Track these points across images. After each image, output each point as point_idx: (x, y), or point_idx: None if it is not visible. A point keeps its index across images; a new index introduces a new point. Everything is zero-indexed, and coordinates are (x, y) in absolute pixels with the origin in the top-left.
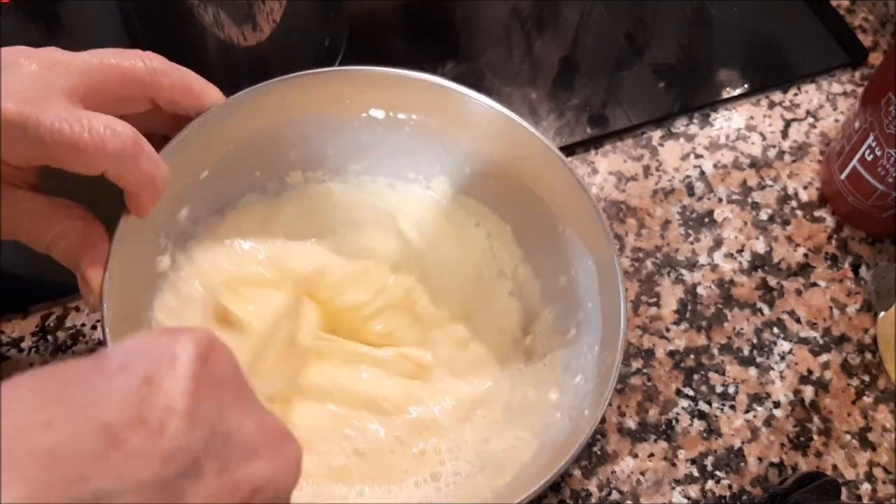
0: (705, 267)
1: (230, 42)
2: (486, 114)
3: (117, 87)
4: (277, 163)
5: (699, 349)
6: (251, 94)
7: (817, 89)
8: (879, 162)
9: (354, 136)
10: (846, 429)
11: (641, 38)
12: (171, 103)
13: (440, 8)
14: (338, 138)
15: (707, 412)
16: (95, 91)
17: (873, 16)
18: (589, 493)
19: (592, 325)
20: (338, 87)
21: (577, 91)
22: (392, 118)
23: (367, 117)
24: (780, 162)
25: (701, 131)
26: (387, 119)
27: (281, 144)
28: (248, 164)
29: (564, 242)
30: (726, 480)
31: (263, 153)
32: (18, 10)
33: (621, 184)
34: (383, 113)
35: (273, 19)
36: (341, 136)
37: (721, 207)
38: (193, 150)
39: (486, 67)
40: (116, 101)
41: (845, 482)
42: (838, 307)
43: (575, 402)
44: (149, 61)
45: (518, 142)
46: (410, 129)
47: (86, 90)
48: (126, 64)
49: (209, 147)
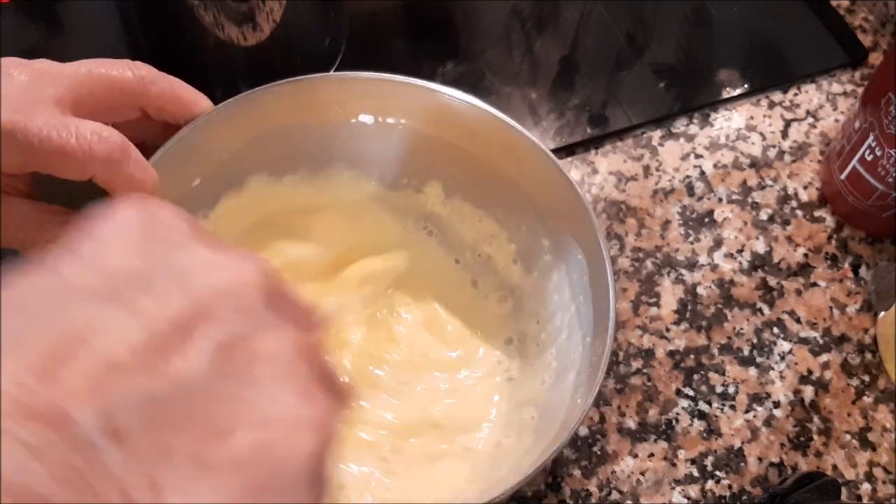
0: (705, 267)
1: (230, 42)
2: (473, 114)
3: (106, 96)
4: (269, 170)
5: (699, 349)
6: (240, 102)
7: (817, 89)
8: (879, 162)
9: (344, 143)
10: (846, 429)
11: (641, 38)
12: (160, 111)
13: (440, 8)
14: (328, 145)
15: (707, 412)
16: (84, 100)
17: (873, 16)
18: (589, 493)
19: (584, 318)
20: (326, 93)
21: (577, 91)
22: (381, 123)
23: (356, 123)
24: (780, 162)
25: (701, 131)
26: (376, 124)
27: (271, 152)
28: (240, 172)
29: (555, 237)
30: (726, 480)
31: (255, 161)
32: (18, 10)
33: (621, 184)
34: (373, 118)
35: (273, 19)
36: (331, 142)
37: (721, 207)
38: (184, 158)
39: (486, 67)
40: (106, 109)
41: (845, 482)
42: (838, 307)
43: (566, 396)
44: (137, 70)
45: (505, 140)
46: (400, 133)
47: (75, 99)
48: (114, 73)
49: (200, 155)
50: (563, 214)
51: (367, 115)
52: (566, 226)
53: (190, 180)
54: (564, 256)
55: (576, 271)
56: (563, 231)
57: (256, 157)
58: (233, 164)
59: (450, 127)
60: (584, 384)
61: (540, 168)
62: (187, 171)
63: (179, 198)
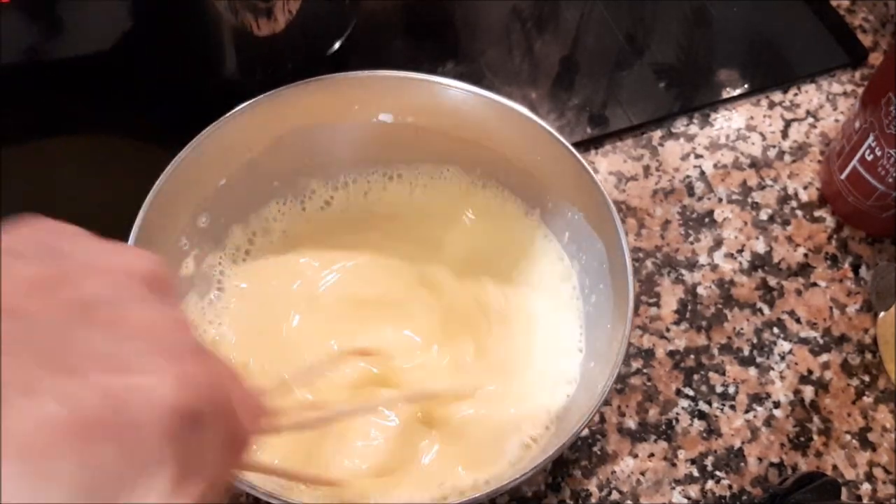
0: (705, 267)
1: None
2: (492, 108)
3: None
4: (293, 170)
5: (699, 349)
6: (263, 102)
7: (817, 89)
8: (879, 162)
9: (367, 143)
10: (846, 429)
11: (641, 38)
12: None
13: (440, 8)
14: (350, 144)
15: (707, 412)
16: None
17: (873, 16)
18: (589, 493)
19: (605, 306)
20: (347, 92)
21: (577, 91)
22: (401, 122)
23: (377, 122)
24: (780, 162)
25: (701, 131)
26: (395, 123)
27: (295, 153)
28: (265, 172)
29: (574, 227)
30: (726, 480)
31: (279, 161)
32: (18, 10)
33: (621, 184)
34: (391, 117)
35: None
36: (353, 141)
37: (721, 207)
38: (209, 159)
39: (486, 67)
40: None
41: (845, 482)
42: (838, 307)
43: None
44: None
45: (526, 134)
46: (419, 131)
47: None
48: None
49: (225, 156)
50: (581, 204)
51: (386, 114)
52: (585, 215)
53: (217, 180)
54: (584, 244)
55: (596, 260)
56: (582, 218)
57: (281, 157)
58: (257, 164)
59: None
60: (602, 372)
61: (559, 160)
62: (213, 171)
63: (203, 199)
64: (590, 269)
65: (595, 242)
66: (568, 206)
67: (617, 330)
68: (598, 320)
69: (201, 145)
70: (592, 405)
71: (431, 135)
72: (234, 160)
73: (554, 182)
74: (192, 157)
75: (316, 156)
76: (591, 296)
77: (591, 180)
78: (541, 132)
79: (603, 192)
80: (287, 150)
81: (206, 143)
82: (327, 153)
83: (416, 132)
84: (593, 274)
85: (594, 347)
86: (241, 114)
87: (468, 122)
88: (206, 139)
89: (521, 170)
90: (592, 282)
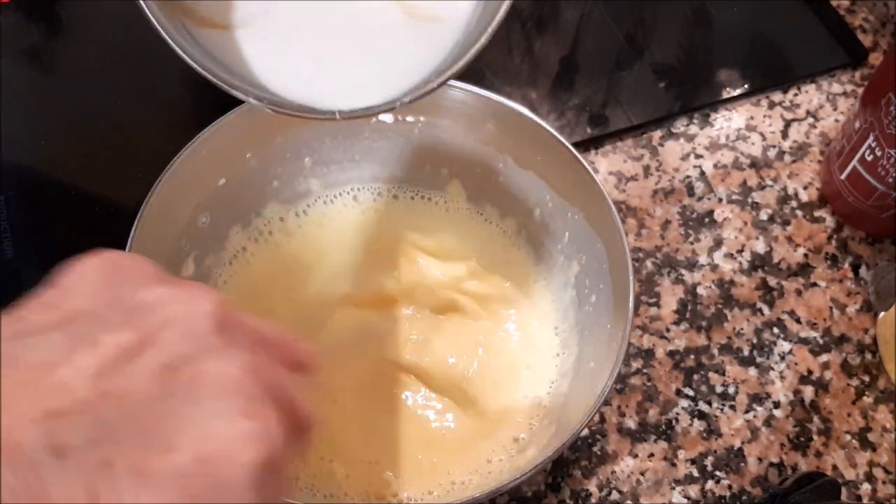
0: (705, 267)
1: None
2: (492, 108)
3: None
4: (293, 171)
5: (699, 349)
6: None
7: (817, 89)
8: (879, 162)
9: (366, 143)
10: (846, 429)
11: (641, 38)
12: None
13: None
14: (349, 145)
15: (707, 412)
16: None
17: (873, 16)
18: (589, 493)
19: (604, 306)
20: None
21: (577, 91)
22: (401, 122)
23: (376, 122)
24: (780, 162)
25: (701, 131)
26: (396, 123)
27: (295, 153)
28: (264, 173)
29: (574, 227)
30: (726, 480)
31: (278, 162)
32: (18, 10)
33: (621, 184)
34: (391, 116)
35: None
36: (352, 142)
37: (721, 207)
38: (209, 159)
39: (486, 67)
40: None
41: (845, 482)
42: (838, 307)
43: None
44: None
45: (526, 134)
46: (419, 131)
47: None
48: None
49: (225, 156)
50: (581, 205)
51: (386, 114)
52: (585, 215)
53: (216, 180)
54: (585, 246)
55: (596, 260)
56: (582, 219)
57: (281, 157)
58: (257, 164)
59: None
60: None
61: (560, 159)
62: (213, 170)
63: (203, 199)
64: (590, 269)
65: (595, 242)
66: (568, 206)
67: (617, 330)
68: (597, 320)
69: (201, 145)
70: (592, 405)
71: (431, 138)
72: (234, 160)
73: (554, 182)
74: (192, 157)
75: (316, 156)
76: (591, 296)
77: (592, 180)
78: (541, 132)
79: (603, 193)
80: (287, 151)
81: (206, 143)
82: (327, 153)
83: (416, 133)
84: (593, 274)
85: (594, 347)
86: (241, 114)
87: (468, 122)
88: (206, 139)
89: (520, 170)
90: (592, 282)
